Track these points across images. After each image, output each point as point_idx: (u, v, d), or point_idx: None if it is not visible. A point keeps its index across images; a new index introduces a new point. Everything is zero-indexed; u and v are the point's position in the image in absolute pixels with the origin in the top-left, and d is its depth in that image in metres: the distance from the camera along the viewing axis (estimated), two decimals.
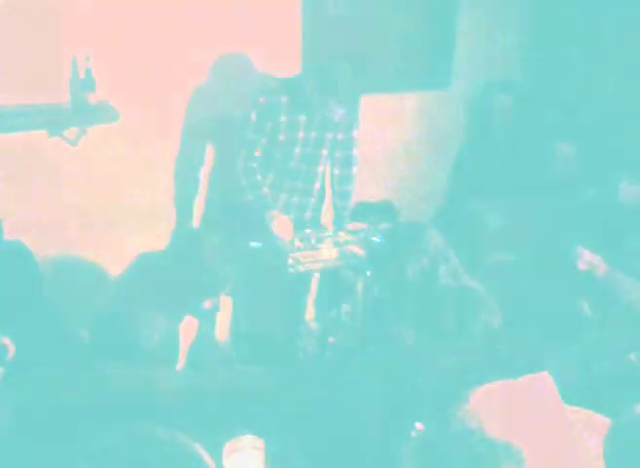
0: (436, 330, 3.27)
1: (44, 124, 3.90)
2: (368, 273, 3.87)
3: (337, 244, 3.99)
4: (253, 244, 3.80)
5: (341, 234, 4.01)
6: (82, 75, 3.88)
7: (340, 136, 4.06)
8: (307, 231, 3.99)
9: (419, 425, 3.06)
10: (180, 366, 3.09)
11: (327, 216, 4.33)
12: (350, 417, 2.35)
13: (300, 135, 3.95)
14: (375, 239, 3.91)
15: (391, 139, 4.98)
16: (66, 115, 3.93)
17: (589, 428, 2.25)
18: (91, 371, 2.45)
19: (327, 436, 2.34)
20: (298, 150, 3.99)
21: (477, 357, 2.68)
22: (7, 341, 2.84)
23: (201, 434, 1.93)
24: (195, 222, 4.41)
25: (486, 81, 5.05)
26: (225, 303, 4.23)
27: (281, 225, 3.92)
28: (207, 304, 3.28)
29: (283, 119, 3.88)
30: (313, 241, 3.95)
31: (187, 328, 3.25)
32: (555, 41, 5.04)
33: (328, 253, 3.97)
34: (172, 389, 2.29)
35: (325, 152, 4.08)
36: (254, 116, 3.86)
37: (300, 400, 2.42)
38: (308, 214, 4.21)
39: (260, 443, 2.28)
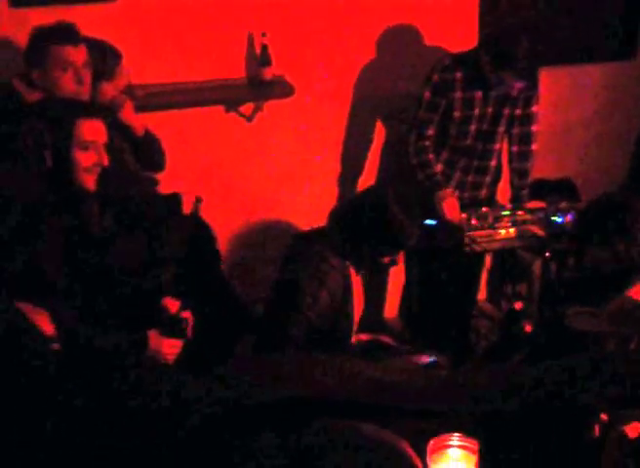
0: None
1: (221, 99, 3.96)
2: (547, 254, 3.73)
3: (515, 223, 3.84)
4: (427, 221, 3.72)
5: (520, 213, 3.86)
6: (258, 51, 3.89)
7: (517, 112, 3.89)
8: (484, 209, 3.86)
9: None
10: None
11: (504, 195, 4.17)
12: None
13: (476, 111, 3.82)
14: (555, 218, 3.74)
15: (572, 114, 4.74)
16: (242, 90, 3.97)
17: None
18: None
19: None
20: (473, 127, 3.85)
21: None
22: (188, 315, 2.90)
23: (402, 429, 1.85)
24: None
25: None
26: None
27: (449, 207, 3.81)
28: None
29: (458, 96, 3.77)
30: (490, 220, 3.83)
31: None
32: None
33: (505, 232, 3.84)
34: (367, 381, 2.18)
35: (502, 129, 3.92)
36: (427, 94, 3.78)
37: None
38: (484, 193, 4.06)
39: (471, 442, 2.03)
